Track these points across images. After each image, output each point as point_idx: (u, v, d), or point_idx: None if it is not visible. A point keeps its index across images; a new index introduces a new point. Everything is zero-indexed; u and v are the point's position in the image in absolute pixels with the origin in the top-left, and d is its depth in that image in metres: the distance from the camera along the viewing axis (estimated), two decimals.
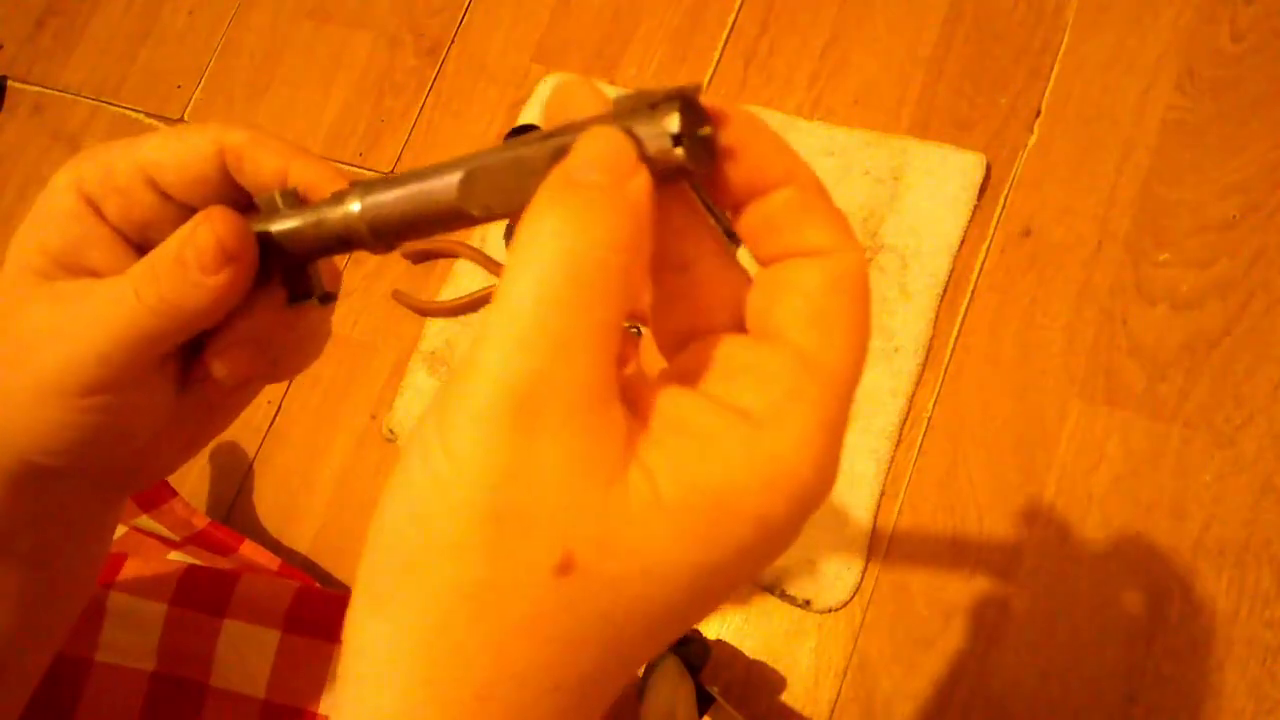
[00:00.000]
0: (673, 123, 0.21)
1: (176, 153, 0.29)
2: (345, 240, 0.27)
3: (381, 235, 0.27)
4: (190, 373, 0.32)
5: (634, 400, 0.22)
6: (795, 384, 0.21)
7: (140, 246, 0.30)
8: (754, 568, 0.22)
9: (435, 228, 0.26)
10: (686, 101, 0.22)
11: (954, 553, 0.67)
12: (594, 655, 0.20)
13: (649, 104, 0.22)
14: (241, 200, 0.30)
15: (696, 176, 0.23)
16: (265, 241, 0.29)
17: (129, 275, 0.28)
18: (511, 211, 0.24)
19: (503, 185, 0.24)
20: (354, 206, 0.27)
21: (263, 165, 0.29)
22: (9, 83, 1.07)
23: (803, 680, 0.68)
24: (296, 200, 0.29)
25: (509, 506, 0.19)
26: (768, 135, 0.23)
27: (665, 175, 0.22)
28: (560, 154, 0.22)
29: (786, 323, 0.22)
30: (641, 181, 0.21)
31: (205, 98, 1.01)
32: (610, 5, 0.90)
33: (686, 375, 0.23)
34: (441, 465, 0.20)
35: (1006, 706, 0.64)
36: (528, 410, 0.19)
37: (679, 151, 0.22)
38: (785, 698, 0.68)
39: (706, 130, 0.22)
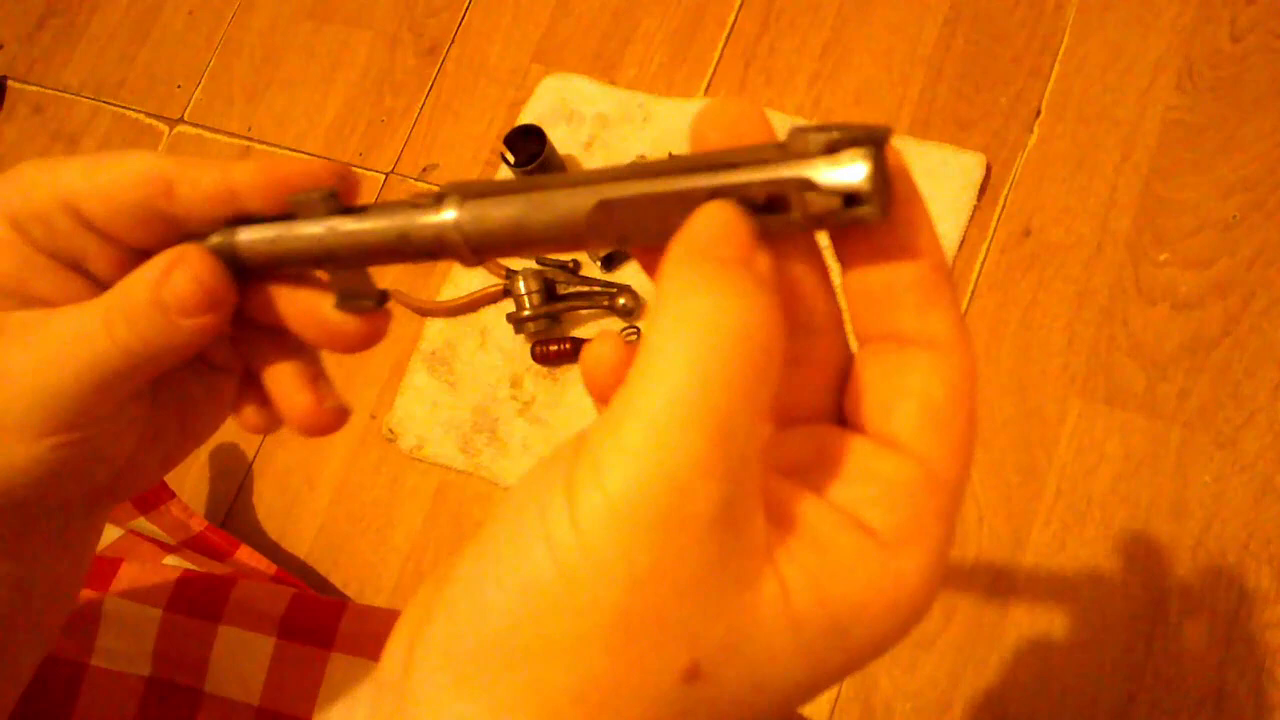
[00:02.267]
0: (862, 172, 0.19)
1: (99, 183, 0.26)
2: (430, 252, 0.24)
3: (479, 250, 0.23)
4: (161, 391, 0.31)
5: None
6: (920, 501, 0.20)
7: (87, 272, 0.28)
8: (843, 678, 0.21)
9: (543, 249, 0.23)
10: (878, 146, 0.19)
11: (954, 553, 0.67)
12: None
13: (828, 143, 0.19)
14: (171, 233, 0.27)
15: (870, 228, 0.20)
16: (318, 249, 0.26)
17: (98, 310, 0.26)
18: (644, 245, 0.21)
19: (644, 218, 0.21)
20: (448, 215, 0.23)
21: (200, 183, 0.26)
22: (9, 83, 1.07)
23: None
24: (337, 203, 0.26)
25: (644, 610, 0.18)
26: (921, 199, 0.21)
27: (832, 225, 0.20)
28: (718, 196, 0.20)
29: (906, 429, 0.21)
30: (767, 260, 0.20)
31: (205, 98, 1.01)
32: (610, 5, 0.89)
33: (794, 468, 0.22)
34: (573, 558, 0.18)
35: (1006, 706, 0.64)
36: (680, 507, 0.18)
37: (867, 210, 0.19)
38: None
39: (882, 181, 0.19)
